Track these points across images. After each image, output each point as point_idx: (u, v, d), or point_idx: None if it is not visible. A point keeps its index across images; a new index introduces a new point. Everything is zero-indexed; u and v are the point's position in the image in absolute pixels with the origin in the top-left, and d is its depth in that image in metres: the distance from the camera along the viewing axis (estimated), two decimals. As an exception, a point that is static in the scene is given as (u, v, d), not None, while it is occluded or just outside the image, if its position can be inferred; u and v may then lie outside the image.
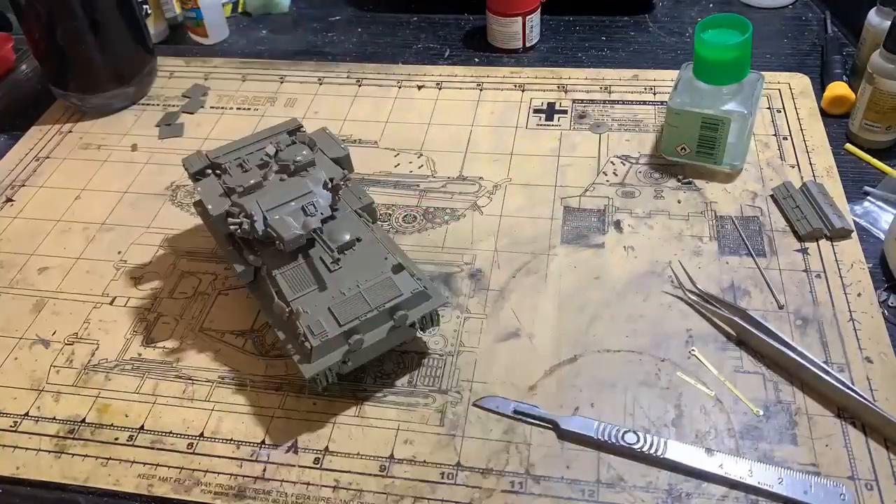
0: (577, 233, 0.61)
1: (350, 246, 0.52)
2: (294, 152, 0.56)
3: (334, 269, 0.51)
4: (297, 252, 0.52)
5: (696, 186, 0.64)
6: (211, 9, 0.87)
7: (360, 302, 0.49)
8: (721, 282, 0.56)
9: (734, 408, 0.49)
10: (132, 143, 0.75)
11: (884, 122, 0.64)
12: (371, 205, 0.57)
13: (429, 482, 0.47)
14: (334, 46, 0.88)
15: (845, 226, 0.58)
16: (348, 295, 0.50)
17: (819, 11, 0.86)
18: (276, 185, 0.54)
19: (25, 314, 0.60)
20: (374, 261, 0.51)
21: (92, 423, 0.52)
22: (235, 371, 0.54)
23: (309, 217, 0.52)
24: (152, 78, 0.82)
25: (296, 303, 0.50)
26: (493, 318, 0.56)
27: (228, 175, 0.55)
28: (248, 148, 0.58)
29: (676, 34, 0.85)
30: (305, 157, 0.55)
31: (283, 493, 0.47)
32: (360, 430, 0.50)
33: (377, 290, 0.50)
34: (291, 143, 0.58)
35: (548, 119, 0.73)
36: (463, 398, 0.51)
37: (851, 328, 0.53)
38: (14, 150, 0.76)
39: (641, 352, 0.52)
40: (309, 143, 0.57)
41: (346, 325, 0.48)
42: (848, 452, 0.46)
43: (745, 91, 0.62)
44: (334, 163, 0.56)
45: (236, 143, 0.59)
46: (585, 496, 0.45)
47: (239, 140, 0.60)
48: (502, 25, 0.82)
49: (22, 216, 0.69)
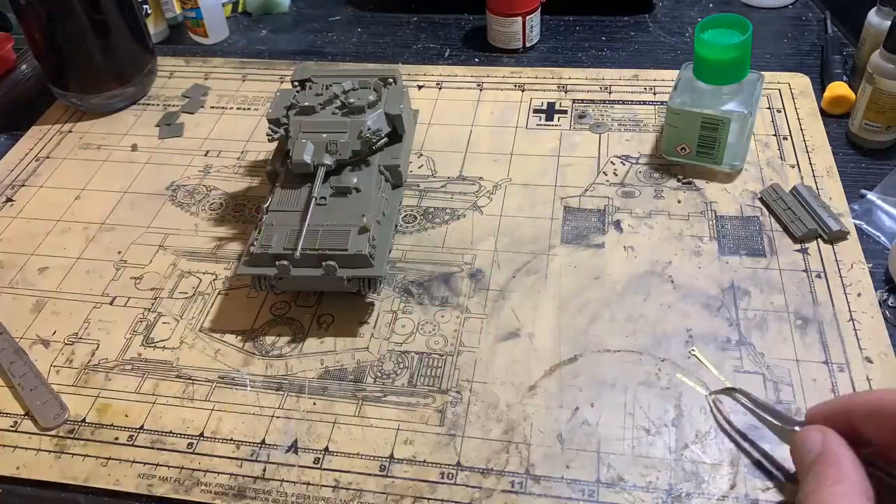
0: (577, 233, 0.61)
1: (346, 192, 0.57)
2: (359, 95, 0.61)
3: (321, 203, 0.56)
4: (305, 177, 0.58)
5: (696, 186, 0.64)
6: (211, 9, 0.88)
7: (312, 238, 0.54)
8: (721, 282, 0.56)
9: (735, 408, 0.49)
10: (132, 143, 0.75)
11: (884, 122, 0.64)
12: (396, 167, 0.60)
13: (429, 482, 0.47)
14: (334, 46, 0.88)
15: (842, 228, 0.58)
16: (311, 229, 0.54)
17: (819, 11, 0.86)
18: (325, 116, 0.59)
19: (25, 314, 0.60)
20: (354, 213, 0.55)
21: (92, 422, 0.52)
22: (235, 371, 0.54)
23: (328, 153, 0.57)
24: (152, 78, 0.82)
25: (271, 215, 0.56)
26: (493, 318, 0.56)
27: (304, 93, 0.62)
28: (343, 77, 0.63)
29: (676, 34, 0.85)
30: (359, 103, 0.59)
31: (283, 493, 0.47)
32: (360, 430, 0.50)
33: (331, 237, 0.54)
34: (367, 87, 0.62)
35: (548, 119, 0.73)
36: (463, 398, 0.51)
37: (851, 328, 0.53)
38: (14, 150, 0.76)
39: (641, 352, 0.52)
40: (375, 89, 0.62)
41: (285, 250, 0.53)
42: (848, 452, 0.46)
43: (745, 91, 0.62)
44: (387, 118, 0.60)
45: (340, 69, 0.66)
46: (585, 496, 0.45)
47: (343, 68, 0.69)
48: (502, 25, 0.82)
49: (22, 216, 0.69)
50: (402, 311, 0.57)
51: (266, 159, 0.71)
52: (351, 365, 0.54)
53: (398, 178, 0.61)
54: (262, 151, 0.73)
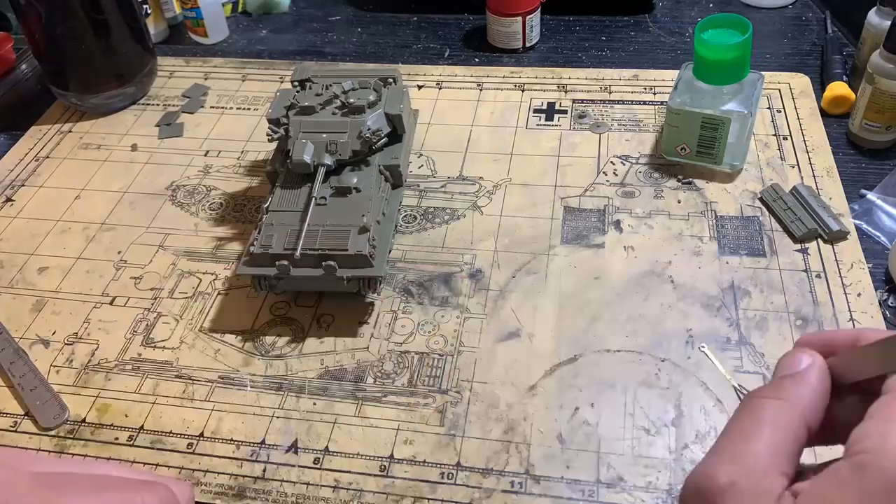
0: (577, 233, 0.61)
1: (346, 192, 0.57)
2: (359, 95, 0.60)
3: (321, 203, 0.56)
4: (305, 177, 0.58)
5: (696, 186, 0.64)
6: (211, 9, 0.88)
7: (312, 238, 0.54)
8: (721, 282, 0.56)
9: (734, 408, 0.49)
10: (132, 143, 0.75)
11: (884, 122, 0.64)
12: (396, 167, 0.60)
13: (429, 482, 0.47)
14: (334, 46, 0.88)
15: (842, 228, 0.58)
16: (311, 229, 0.54)
17: (819, 11, 0.86)
18: (325, 116, 0.59)
19: (25, 314, 0.60)
20: (353, 213, 0.55)
21: (92, 422, 0.52)
22: (235, 371, 0.54)
23: (328, 153, 0.57)
24: (152, 78, 0.82)
25: (271, 215, 0.56)
26: (493, 318, 0.56)
27: (304, 92, 0.62)
28: (343, 77, 0.63)
29: (677, 34, 0.85)
30: (359, 103, 0.59)
31: (283, 493, 0.47)
32: (360, 430, 0.50)
33: (332, 237, 0.54)
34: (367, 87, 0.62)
35: (548, 119, 0.73)
36: (463, 398, 0.51)
37: (852, 328, 0.53)
38: (14, 149, 0.76)
39: (641, 352, 0.52)
40: (375, 89, 0.61)
41: (285, 250, 0.53)
42: (848, 452, 0.46)
43: (745, 91, 0.62)
44: (387, 118, 0.60)
45: (339, 70, 0.66)
46: (585, 496, 0.45)
47: (343, 68, 0.69)
48: (502, 25, 0.82)
49: (22, 216, 0.69)
50: (402, 311, 0.57)
51: (266, 159, 0.71)
52: (351, 365, 0.54)
53: (398, 178, 0.62)
54: (262, 151, 0.73)
